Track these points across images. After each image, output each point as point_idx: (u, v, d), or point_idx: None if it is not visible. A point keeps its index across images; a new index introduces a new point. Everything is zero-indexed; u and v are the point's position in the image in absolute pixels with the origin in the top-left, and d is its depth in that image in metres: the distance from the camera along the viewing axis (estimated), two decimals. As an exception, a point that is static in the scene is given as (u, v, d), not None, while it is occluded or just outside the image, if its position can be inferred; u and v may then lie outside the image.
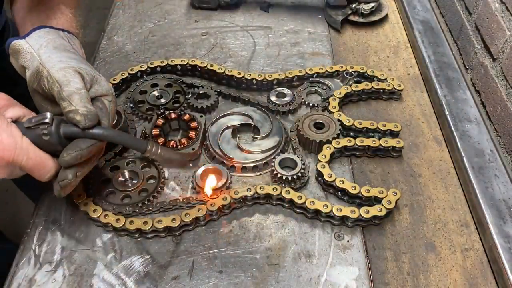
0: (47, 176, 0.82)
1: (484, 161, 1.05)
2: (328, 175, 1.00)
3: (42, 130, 0.79)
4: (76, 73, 0.84)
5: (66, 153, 0.80)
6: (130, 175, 1.04)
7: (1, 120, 0.76)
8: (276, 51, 1.39)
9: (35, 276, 0.89)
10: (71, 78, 0.82)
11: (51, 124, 0.79)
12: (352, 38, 1.45)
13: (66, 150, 0.80)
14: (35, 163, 0.79)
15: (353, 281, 0.88)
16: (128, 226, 0.92)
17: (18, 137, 0.77)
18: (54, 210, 0.99)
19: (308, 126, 1.10)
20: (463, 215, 1.00)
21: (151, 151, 0.90)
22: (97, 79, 0.88)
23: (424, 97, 1.26)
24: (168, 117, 1.13)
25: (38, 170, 0.80)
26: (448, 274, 0.90)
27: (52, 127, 0.79)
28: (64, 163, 0.80)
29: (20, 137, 0.77)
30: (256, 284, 0.88)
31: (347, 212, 0.94)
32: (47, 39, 0.89)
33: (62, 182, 0.82)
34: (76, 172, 0.82)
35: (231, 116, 1.17)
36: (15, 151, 0.76)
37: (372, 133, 1.12)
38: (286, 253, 0.92)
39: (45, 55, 0.85)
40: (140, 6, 1.58)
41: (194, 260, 0.91)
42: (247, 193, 0.97)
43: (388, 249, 0.94)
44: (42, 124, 0.79)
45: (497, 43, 1.17)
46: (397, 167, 1.09)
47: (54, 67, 0.83)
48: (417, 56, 1.37)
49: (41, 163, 0.80)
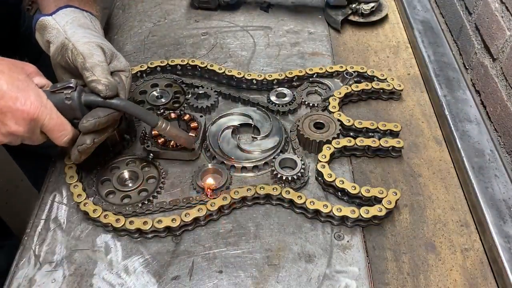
0: (65, 139, 0.88)
1: (484, 161, 1.05)
2: (328, 175, 1.00)
3: (65, 94, 0.85)
4: (99, 47, 0.92)
5: (86, 120, 0.87)
6: (130, 175, 1.04)
7: (30, 82, 0.84)
8: (276, 51, 1.39)
9: (35, 276, 0.89)
10: (94, 52, 0.90)
11: (74, 89, 0.86)
12: (352, 38, 1.45)
13: (86, 117, 0.87)
14: (56, 124, 0.85)
15: (353, 281, 0.88)
16: (128, 226, 0.92)
17: (44, 98, 0.84)
18: (54, 210, 0.99)
19: (308, 126, 1.10)
20: (463, 215, 1.00)
21: (160, 127, 0.95)
22: (117, 55, 0.97)
23: (424, 97, 1.26)
24: (168, 117, 1.13)
25: (58, 131, 0.86)
26: (448, 274, 0.90)
27: (75, 92, 0.86)
28: (83, 128, 0.87)
29: (45, 98, 0.84)
30: (256, 284, 0.88)
31: (347, 212, 0.94)
32: (72, 17, 0.97)
33: (81, 147, 0.89)
34: (94, 138, 0.90)
35: (231, 116, 1.17)
36: (40, 108, 0.82)
37: (372, 133, 1.12)
38: (286, 253, 0.92)
39: (70, 30, 0.93)
40: (140, 6, 1.58)
41: (194, 260, 0.91)
42: (247, 193, 0.97)
43: (388, 249, 0.94)
44: (66, 88, 0.86)
45: (497, 43, 1.17)
46: (397, 167, 1.09)
47: (78, 41, 0.91)
48: (417, 56, 1.37)
49: (61, 125, 0.86)
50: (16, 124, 0.81)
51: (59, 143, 0.88)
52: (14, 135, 0.83)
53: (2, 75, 0.80)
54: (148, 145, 1.06)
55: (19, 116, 0.80)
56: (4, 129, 0.82)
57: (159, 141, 1.07)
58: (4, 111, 0.79)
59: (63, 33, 0.93)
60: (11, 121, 0.80)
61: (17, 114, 0.80)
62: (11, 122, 0.80)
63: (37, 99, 0.82)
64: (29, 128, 0.82)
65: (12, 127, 0.81)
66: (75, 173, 1.01)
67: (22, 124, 0.81)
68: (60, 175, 1.05)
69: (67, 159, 1.03)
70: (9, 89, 0.79)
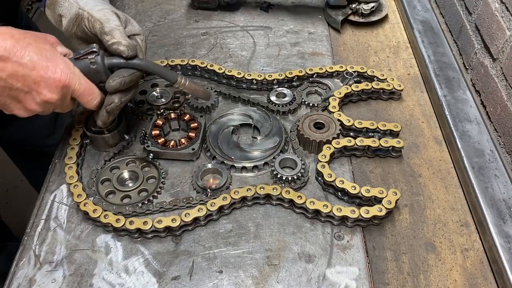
0: (94, 102, 0.93)
1: (484, 161, 1.05)
2: (328, 175, 1.00)
3: (90, 59, 0.91)
4: (113, 13, 0.96)
5: (112, 79, 0.92)
6: (130, 175, 1.04)
7: (56, 51, 0.88)
8: (276, 51, 1.39)
9: (35, 276, 0.89)
10: (110, 17, 0.94)
11: (98, 53, 0.91)
12: (352, 38, 1.45)
13: (111, 77, 0.93)
14: (85, 88, 0.90)
15: (353, 281, 0.88)
16: (128, 226, 0.92)
17: (71, 65, 0.88)
18: (54, 210, 0.99)
19: (308, 126, 1.10)
20: (463, 215, 1.00)
21: (180, 83, 1.01)
22: (130, 20, 1.01)
23: (424, 97, 1.26)
24: (168, 117, 1.13)
25: (88, 95, 0.91)
26: (448, 274, 0.90)
27: (99, 56, 0.91)
28: (111, 88, 0.93)
29: (72, 65, 0.88)
30: (256, 284, 0.88)
31: (347, 212, 0.94)
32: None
33: (109, 106, 0.95)
34: (121, 97, 0.95)
35: (231, 116, 1.17)
36: (70, 75, 0.86)
37: (372, 133, 1.12)
38: (286, 253, 0.92)
39: (82, 1, 0.97)
40: (140, 6, 1.58)
41: (194, 260, 0.91)
42: (247, 193, 0.97)
43: (388, 249, 0.94)
44: (90, 53, 0.91)
45: (497, 43, 1.17)
46: (397, 167, 1.09)
47: (93, 9, 0.95)
48: (417, 56, 1.37)
49: (90, 89, 0.91)
50: (50, 92, 0.85)
51: (89, 107, 0.94)
52: (48, 103, 0.87)
53: (30, 47, 0.82)
54: (148, 145, 1.06)
55: (51, 84, 0.84)
56: (39, 98, 0.85)
57: (159, 141, 1.07)
58: (37, 81, 0.83)
59: (76, 5, 0.96)
60: (45, 89, 0.84)
61: (50, 82, 0.84)
62: (45, 90, 0.85)
63: (66, 67, 0.86)
64: (62, 95, 0.87)
65: (46, 95, 0.85)
66: (75, 173, 1.01)
67: (55, 91, 0.86)
68: (60, 175, 1.05)
69: (67, 159, 1.03)
70: (39, 60, 0.83)
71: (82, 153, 1.09)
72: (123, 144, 1.10)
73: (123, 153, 1.10)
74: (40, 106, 0.87)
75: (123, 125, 1.10)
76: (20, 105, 0.86)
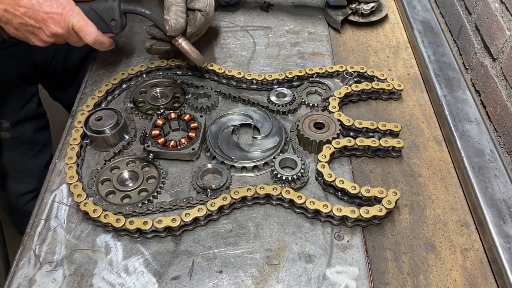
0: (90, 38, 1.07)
1: (484, 161, 1.05)
2: (328, 175, 1.00)
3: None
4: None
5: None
6: (130, 175, 1.04)
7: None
8: (276, 51, 1.39)
9: (35, 276, 0.89)
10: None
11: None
12: (352, 38, 1.45)
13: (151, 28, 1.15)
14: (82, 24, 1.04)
15: (353, 281, 0.88)
16: (128, 226, 0.92)
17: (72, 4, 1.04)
18: (54, 210, 0.99)
19: (308, 126, 1.10)
20: (463, 215, 1.00)
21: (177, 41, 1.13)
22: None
23: (424, 97, 1.26)
24: (168, 117, 1.13)
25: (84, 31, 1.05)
26: (448, 274, 0.90)
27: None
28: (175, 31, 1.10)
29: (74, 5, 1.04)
30: (256, 284, 0.88)
31: (347, 212, 0.94)
32: None
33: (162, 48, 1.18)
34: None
35: (231, 116, 1.17)
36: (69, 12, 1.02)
37: (372, 133, 1.12)
38: (286, 253, 0.92)
39: None
40: (140, 6, 1.58)
41: (194, 260, 0.91)
42: (247, 193, 0.97)
43: (388, 249, 0.94)
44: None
45: (497, 43, 1.17)
46: (397, 167, 1.09)
47: None
48: (417, 56, 1.37)
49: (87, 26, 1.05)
50: (55, 26, 1.02)
51: (86, 41, 1.08)
52: (57, 35, 1.04)
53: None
54: (148, 145, 1.06)
55: (56, 19, 1.01)
56: (48, 31, 1.03)
57: (159, 141, 1.07)
58: (44, 18, 1.01)
59: None
60: (51, 24, 1.02)
61: (54, 18, 1.01)
62: (52, 25, 1.02)
63: (66, 5, 1.02)
64: (66, 29, 1.04)
65: (54, 29, 1.03)
66: (75, 173, 1.01)
67: (59, 26, 1.02)
68: (60, 175, 1.05)
69: (67, 159, 1.03)
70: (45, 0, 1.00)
71: (82, 153, 1.09)
72: (123, 144, 1.10)
73: (123, 153, 1.10)
74: (51, 38, 1.05)
75: (123, 125, 1.10)
76: (36, 37, 1.05)
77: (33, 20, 1.00)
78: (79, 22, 1.04)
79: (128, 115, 1.16)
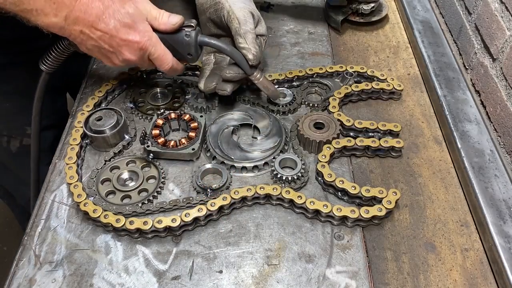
0: (167, 67, 1.04)
1: (484, 161, 1.05)
2: (328, 175, 1.00)
3: (185, 32, 1.01)
4: (251, 14, 1.06)
5: (228, 72, 1.07)
6: (130, 175, 1.04)
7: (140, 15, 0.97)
8: (276, 51, 1.39)
9: (35, 276, 0.89)
10: (248, 19, 1.05)
11: (194, 29, 1.01)
12: (352, 38, 1.45)
13: (228, 68, 1.08)
14: (159, 54, 1.01)
15: (353, 281, 0.88)
16: (128, 226, 0.92)
17: (150, 32, 0.99)
18: (54, 210, 0.99)
19: (308, 126, 1.10)
20: (463, 215, 1.00)
21: (255, 77, 1.10)
22: (261, 20, 1.11)
23: (424, 97, 1.26)
24: (168, 117, 1.13)
25: (161, 60, 1.02)
26: (448, 274, 0.90)
27: (194, 31, 1.01)
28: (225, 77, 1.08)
29: (151, 32, 0.99)
30: (256, 284, 0.88)
31: (347, 212, 0.94)
32: None
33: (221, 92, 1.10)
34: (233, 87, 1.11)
35: (231, 116, 1.17)
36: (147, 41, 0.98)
37: (372, 133, 1.12)
38: (286, 253, 0.92)
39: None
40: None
41: (194, 260, 0.91)
42: (247, 193, 0.97)
43: (388, 249, 0.94)
44: (187, 26, 1.01)
45: (497, 43, 1.17)
46: (397, 167, 1.09)
47: (235, 5, 1.06)
48: (417, 56, 1.37)
49: (164, 55, 1.02)
50: (129, 53, 0.99)
51: (162, 70, 1.05)
52: (129, 61, 1.02)
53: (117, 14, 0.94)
54: (148, 145, 1.06)
55: (131, 47, 0.98)
56: (121, 57, 1.00)
57: (159, 141, 1.07)
58: (120, 44, 0.97)
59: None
60: (125, 51, 0.99)
61: (130, 46, 0.98)
62: (126, 52, 0.99)
63: (144, 33, 0.98)
64: (139, 56, 1.00)
65: (127, 55, 1.00)
66: (75, 173, 1.01)
67: (134, 53, 0.99)
68: (60, 175, 1.05)
69: (67, 159, 1.03)
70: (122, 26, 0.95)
71: (82, 153, 1.09)
72: (123, 144, 1.10)
73: (123, 153, 1.10)
74: (123, 63, 1.03)
75: (123, 125, 1.10)
76: (108, 59, 1.03)
77: (107, 45, 0.98)
78: (157, 51, 1.00)
79: (128, 115, 1.16)
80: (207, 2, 1.10)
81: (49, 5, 0.89)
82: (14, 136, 1.40)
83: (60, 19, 0.91)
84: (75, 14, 0.91)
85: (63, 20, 0.91)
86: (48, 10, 0.89)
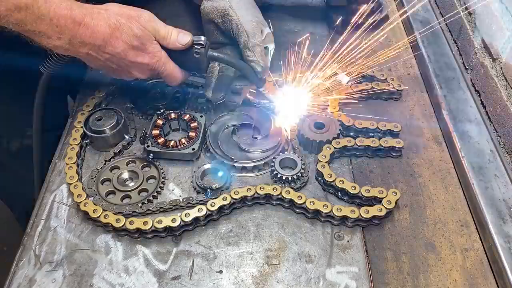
0: (175, 83, 1.06)
1: (484, 161, 1.05)
2: (328, 175, 1.00)
3: (195, 49, 1.01)
4: (259, 27, 1.07)
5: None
6: (130, 175, 1.04)
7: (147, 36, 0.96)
8: (276, 51, 1.38)
9: (35, 276, 0.89)
10: (256, 32, 1.05)
11: (204, 46, 1.00)
12: (352, 38, 1.45)
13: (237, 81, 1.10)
14: (169, 72, 1.02)
15: (353, 281, 0.88)
16: (128, 226, 0.92)
17: (158, 52, 0.99)
18: (54, 210, 0.99)
19: (308, 126, 1.10)
20: (463, 215, 1.00)
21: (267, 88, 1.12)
22: (268, 32, 1.11)
23: (424, 97, 1.26)
24: (168, 117, 1.13)
25: (170, 77, 1.04)
26: (448, 274, 0.90)
27: (204, 49, 1.00)
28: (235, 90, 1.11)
29: (160, 51, 0.99)
30: (256, 284, 0.88)
31: (347, 212, 0.94)
32: None
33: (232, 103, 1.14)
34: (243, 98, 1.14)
35: (231, 116, 1.17)
36: (156, 63, 0.99)
37: (372, 133, 1.12)
38: (286, 253, 0.92)
39: (234, 0, 1.07)
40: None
41: (194, 260, 0.91)
42: (247, 193, 0.97)
43: (388, 249, 0.94)
44: (198, 44, 1.00)
45: (497, 43, 1.17)
46: (397, 167, 1.08)
47: (244, 17, 1.06)
48: (417, 56, 1.36)
49: (173, 73, 1.03)
50: (139, 73, 1.02)
51: (171, 85, 1.09)
52: (138, 78, 1.05)
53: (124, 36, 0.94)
54: (148, 145, 1.06)
55: (140, 67, 1.00)
56: (131, 75, 1.03)
57: (159, 141, 1.07)
58: (129, 65, 0.99)
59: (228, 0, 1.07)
60: (135, 71, 1.01)
61: (139, 66, 0.99)
62: (135, 72, 1.01)
63: (153, 54, 0.98)
64: (149, 75, 1.03)
65: (137, 75, 1.02)
66: (75, 173, 1.01)
67: (143, 73, 1.02)
68: (60, 175, 1.05)
69: (67, 159, 1.03)
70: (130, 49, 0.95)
71: (82, 153, 1.09)
72: (123, 144, 1.10)
73: (123, 153, 1.10)
74: (132, 79, 1.06)
75: (123, 125, 1.10)
76: (117, 76, 1.04)
77: (115, 65, 0.99)
78: (167, 70, 1.02)
79: (128, 115, 1.16)
80: (213, 12, 1.09)
81: (52, 28, 0.87)
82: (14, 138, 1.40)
83: (64, 42, 0.90)
84: (80, 37, 0.90)
85: (67, 43, 0.90)
86: (51, 33, 0.88)
